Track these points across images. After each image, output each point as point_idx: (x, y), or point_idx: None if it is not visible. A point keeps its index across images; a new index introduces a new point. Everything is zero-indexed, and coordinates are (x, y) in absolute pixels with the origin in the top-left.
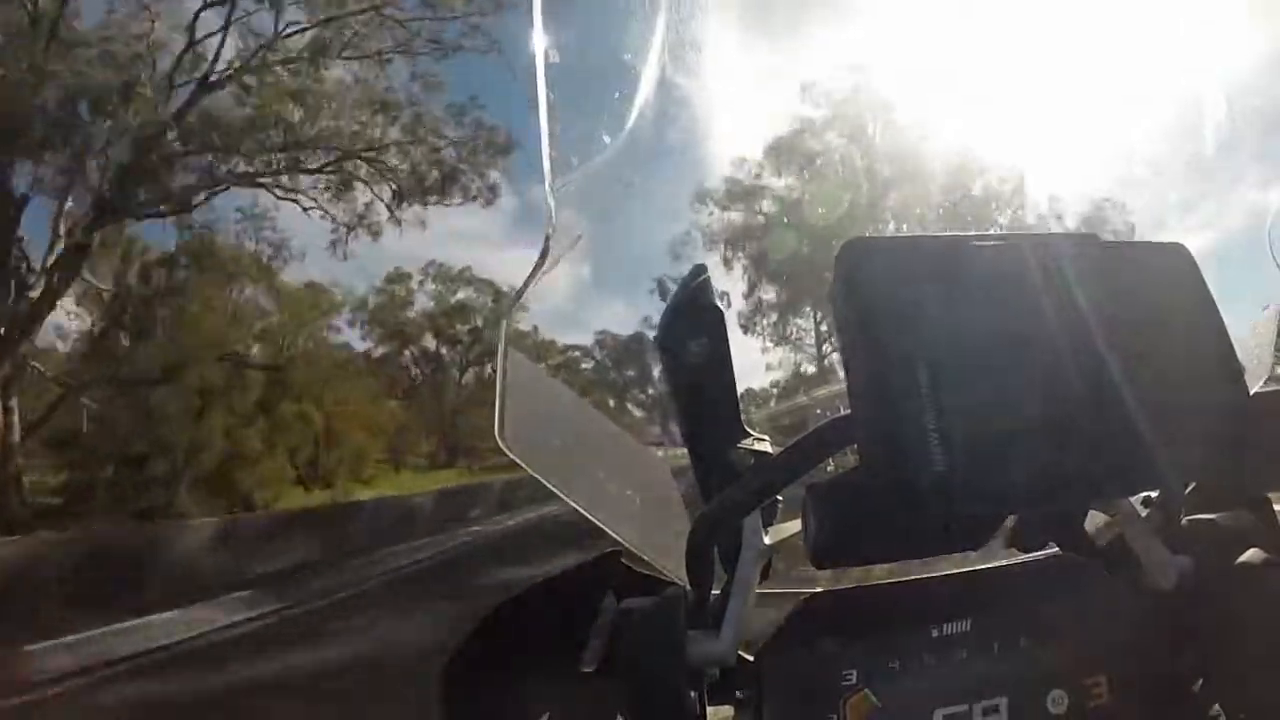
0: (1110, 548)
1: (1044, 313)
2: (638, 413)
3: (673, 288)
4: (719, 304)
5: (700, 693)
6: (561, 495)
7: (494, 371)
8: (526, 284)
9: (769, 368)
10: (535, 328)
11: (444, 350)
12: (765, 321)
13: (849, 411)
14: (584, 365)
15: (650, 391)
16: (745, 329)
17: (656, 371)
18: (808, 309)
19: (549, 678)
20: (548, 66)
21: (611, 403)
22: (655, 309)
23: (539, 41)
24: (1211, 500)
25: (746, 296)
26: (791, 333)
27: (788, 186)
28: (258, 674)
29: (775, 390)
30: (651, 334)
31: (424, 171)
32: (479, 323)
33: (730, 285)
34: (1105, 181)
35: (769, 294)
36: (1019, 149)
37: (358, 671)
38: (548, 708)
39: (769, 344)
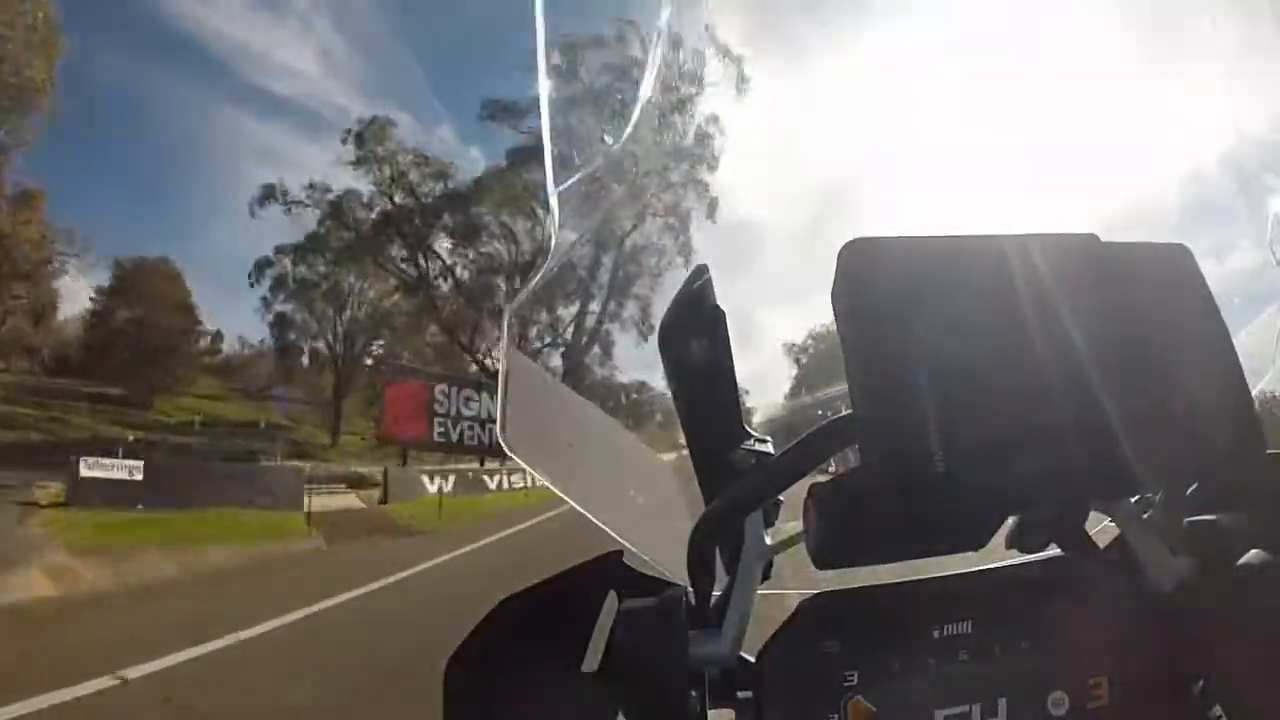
0: (1110, 548)
1: (1045, 312)
2: None
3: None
4: (720, 304)
5: (701, 693)
6: (563, 495)
7: None
8: (530, 282)
9: None
10: None
11: None
12: None
13: (850, 412)
14: None
15: None
16: None
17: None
18: None
19: (549, 678)
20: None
21: None
22: None
23: (541, 44)
24: (1211, 500)
25: None
26: None
27: None
28: None
29: None
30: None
31: None
32: None
33: None
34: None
35: None
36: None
37: None
38: (548, 708)
39: None
